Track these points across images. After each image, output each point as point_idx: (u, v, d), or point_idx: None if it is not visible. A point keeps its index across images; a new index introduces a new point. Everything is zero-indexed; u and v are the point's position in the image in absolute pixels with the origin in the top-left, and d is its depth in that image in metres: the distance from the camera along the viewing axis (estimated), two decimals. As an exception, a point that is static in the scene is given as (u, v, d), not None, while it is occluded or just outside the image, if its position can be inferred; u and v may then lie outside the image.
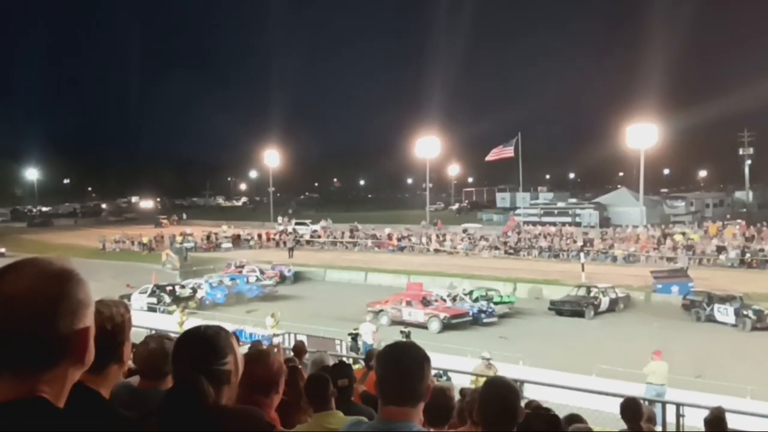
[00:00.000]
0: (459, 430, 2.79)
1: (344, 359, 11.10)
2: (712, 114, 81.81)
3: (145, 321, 22.88)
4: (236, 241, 55.30)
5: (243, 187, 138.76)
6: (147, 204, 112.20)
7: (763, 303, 27.36)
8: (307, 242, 55.10)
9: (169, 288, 32.53)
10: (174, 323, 22.44)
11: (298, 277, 40.37)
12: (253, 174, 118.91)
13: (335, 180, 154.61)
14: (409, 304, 27.83)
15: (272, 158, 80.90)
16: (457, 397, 4.17)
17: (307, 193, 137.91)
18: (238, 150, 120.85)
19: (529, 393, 11.18)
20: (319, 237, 56.28)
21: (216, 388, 1.76)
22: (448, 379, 13.65)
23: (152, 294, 31.72)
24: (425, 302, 27.83)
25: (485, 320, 27.88)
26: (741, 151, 77.18)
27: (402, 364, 2.11)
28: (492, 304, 28.88)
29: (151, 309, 30.24)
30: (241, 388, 1.98)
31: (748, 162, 77.09)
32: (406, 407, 2.06)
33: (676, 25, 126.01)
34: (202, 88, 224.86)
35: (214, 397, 1.74)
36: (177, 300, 30.83)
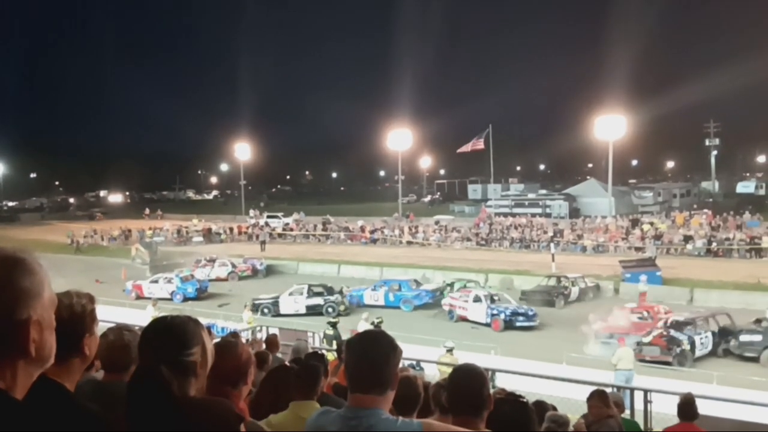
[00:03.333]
0: (428, 419, 2.80)
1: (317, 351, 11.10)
2: (678, 105, 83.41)
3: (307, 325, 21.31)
4: (207, 235, 54.79)
5: (214, 180, 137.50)
6: (116, 198, 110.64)
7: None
8: (280, 235, 54.83)
9: (329, 286, 29.94)
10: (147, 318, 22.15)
11: (270, 271, 40.17)
12: (224, 167, 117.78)
13: (307, 173, 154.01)
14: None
15: (243, 151, 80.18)
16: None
17: (279, 186, 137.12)
18: (209, 143, 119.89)
19: (501, 382, 11.29)
20: (291, 230, 56.03)
21: (181, 378, 1.73)
22: (421, 369, 13.71)
23: (315, 294, 28.91)
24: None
25: (521, 324, 25.09)
26: (707, 142, 78.59)
27: (370, 353, 2.13)
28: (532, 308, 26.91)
29: (313, 310, 27.90)
30: (209, 379, 1.96)
31: (714, 152, 78.53)
32: (373, 395, 2.08)
33: (643, 18, 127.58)
34: (172, 82, 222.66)
35: (177, 387, 1.72)
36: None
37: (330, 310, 27.77)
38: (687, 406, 6.25)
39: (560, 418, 4.63)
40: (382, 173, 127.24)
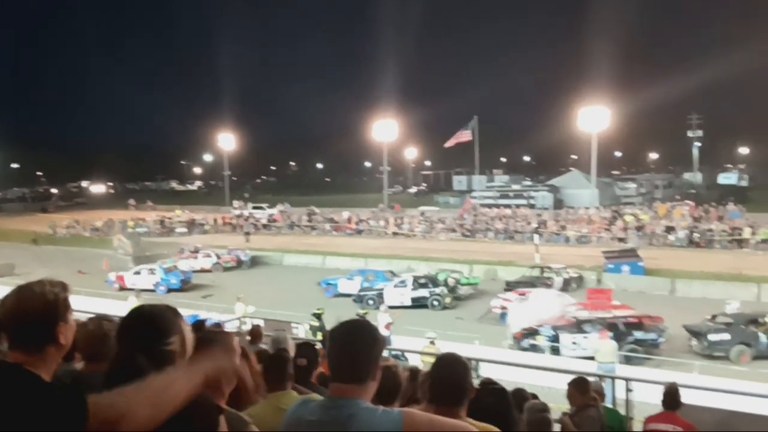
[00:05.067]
0: (410, 408, 2.79)
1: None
2: (661, 97, 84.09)
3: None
4: (191, 225, 54.53)
5: (198, 171, 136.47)
6: (98, 189, 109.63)
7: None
8: (264, 226, 54.67)
9: (434, 277, 29.00)
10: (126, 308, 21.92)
11: (255, 262, 40.07)
12: (208, 158, 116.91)
13: (292, 164, 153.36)
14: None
15: (227, 142, 79.76)
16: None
17: (263, 177, 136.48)
18: (192, 134, 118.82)
19: (485, 372, 11.34)
20: (276, 221, 55.86)
21: (159, 367, 1.72)
22: (405, 359, 13.75)
23: (420, 286, 28.03)
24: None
25: None
26: (690, 134, 79.24)
27: (351, 342, 2.12)
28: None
29: (418, 302, 27.38)
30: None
31: (697, 144, 79.19)
32: (354, 385, 2.07)
33: (627, 9, 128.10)
34: (155, 73, 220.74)
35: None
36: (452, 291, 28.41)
37: (435, 303, 27.43)
38: (671, 396, 6.32)
39: (541, 406, 4.66)
40: (367, 164, 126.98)
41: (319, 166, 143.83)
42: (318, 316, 19.18)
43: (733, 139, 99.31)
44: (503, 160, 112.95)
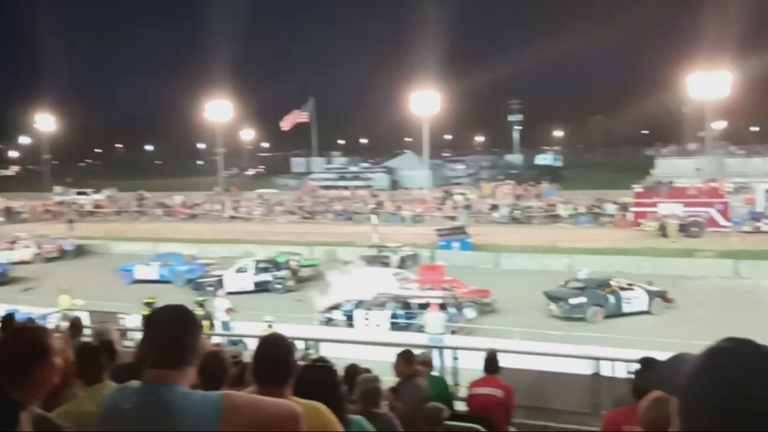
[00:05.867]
0: (234, 390, 2.84)
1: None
2: (487, 83, 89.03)
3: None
4: (7, 213, 50.00)
5: (14, 155, 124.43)
6: None
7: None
8: (89, 213, 51.29)
9: (277, 261, 28.54)
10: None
11: (80, 251, 37.56)
12: (25, 140, 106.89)
13: (119, 146, 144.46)
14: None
15: (45, 123, 73.24)
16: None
17: (87, 161, 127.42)
18: (8, 115, 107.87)
19: (324, 351, 11.56)
20: (101, 207, 52.60)
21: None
22: (243, 344, 13.66)
23: (262, 270, 27.49)
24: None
25: None
26: (510, 118, 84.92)
27: (168, 327, 2.11)
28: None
29: (261, 287, 26.87)
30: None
31: (517, 128, 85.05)
32: (172, 370, 2.05)
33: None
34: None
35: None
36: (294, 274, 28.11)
37: (278, 286, 27.08)
38: (490, 361, 6.85)
39: (372, 377, 4.89)
40: (201, 146, 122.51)
41: (149, 148, 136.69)
42: (150, 305, 18.46)
43: (549, 123, 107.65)
44: (341, 142, 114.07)
